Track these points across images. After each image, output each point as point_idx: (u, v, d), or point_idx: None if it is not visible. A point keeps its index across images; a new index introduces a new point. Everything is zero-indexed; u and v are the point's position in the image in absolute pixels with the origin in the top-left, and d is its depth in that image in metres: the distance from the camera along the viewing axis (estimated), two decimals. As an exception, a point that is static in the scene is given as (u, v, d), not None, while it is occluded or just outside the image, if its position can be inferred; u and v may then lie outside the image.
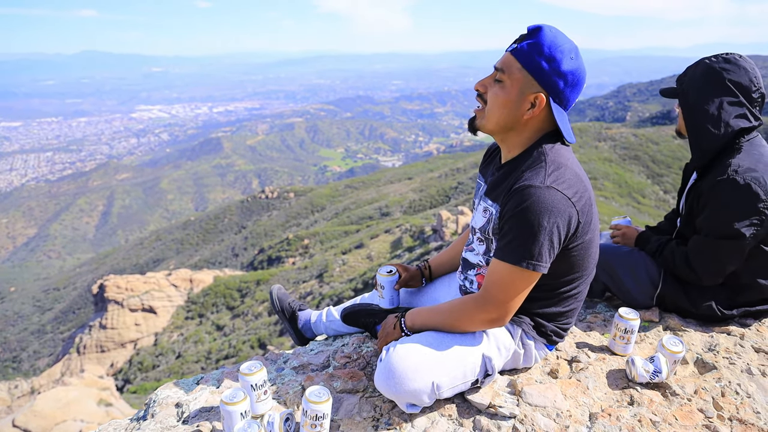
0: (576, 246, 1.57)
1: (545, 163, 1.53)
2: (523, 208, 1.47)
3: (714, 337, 2.11)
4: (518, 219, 1.48)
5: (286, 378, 1.90)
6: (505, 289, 1.53)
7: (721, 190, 1.96)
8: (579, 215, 1.51)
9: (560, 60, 1.49)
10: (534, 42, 1.50)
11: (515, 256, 1.49)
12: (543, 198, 1.45)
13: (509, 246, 1.51)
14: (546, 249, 1.48)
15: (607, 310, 2.37)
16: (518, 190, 1.50)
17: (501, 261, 1.53)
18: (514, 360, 1.77)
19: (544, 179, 1.48)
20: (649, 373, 1.75)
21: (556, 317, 1.73)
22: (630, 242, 2.40)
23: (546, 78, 1.50)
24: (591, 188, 1.59)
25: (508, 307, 1.56)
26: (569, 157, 1.59)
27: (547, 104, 1.54)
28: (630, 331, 1.92)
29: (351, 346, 2.07)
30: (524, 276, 1.51)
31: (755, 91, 2.03)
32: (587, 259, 1.65)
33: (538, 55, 1.49)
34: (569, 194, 1.48)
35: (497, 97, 1.56)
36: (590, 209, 1.56)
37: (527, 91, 1.53)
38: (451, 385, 1.60)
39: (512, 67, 1.53)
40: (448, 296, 2.01)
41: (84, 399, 22.81)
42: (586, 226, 1.55)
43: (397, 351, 1.57)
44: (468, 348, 1.62)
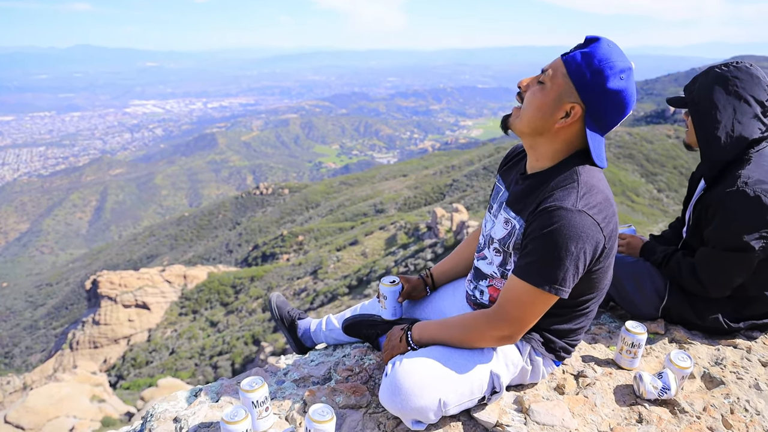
0: (598, 269, 1.53)
1: (577, 183, 1.47)
2: (552, 231, 1.42)
3: (720, 350, 2.08)
4: (545, 241, 1.43)
5: (287, 391, 1.86)
6: (522, 308, 1.49)
7: (730, 202, 1.92)
8: (606, 241, 1.46)
9: (608, 76, 1.41)
10: (587, 51, 1.44)
11: (538, 278, 1.45)
12: (574, 222, 1.40)
13: (532, 266, 1.46)
14: (571, 274, 1.44)
15: (611, 321, 2.34)
16: (548, 210, 1.45)
17: (521, 280, 1.48)
18: (521, 376, 1.74)
19: (576, 202, 1.43)
20: (657, 389, 1.72)
21: (566, 334, 1.70)
22: (635, 252, 2.37)
23: (587, 90, 1.44)
24: (616, 210, 1.54)
25: (522, 326, 1.52)
26: (601, 178, 1.53)
27: (582, 118, 1.48)
28: (637, 345, 1.89)
29: (353, 358, 2.03)
30: (544, 298, 1.47)
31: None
32: (605, 280, 1.61)
33: (586, 65, 1.43)
34: (599, 219, 1.43)
35: (534, 97, 1.51)
36: (614, 233, 1.52)
37: (565, 99, 1.47)
38: (458, 402, 1.56)
39: (558, 72, 1.47)
40: (453, 306, 1.96)
41: (77, 395, 22.74)
42: (611, 249, 1.52)
43: (404, 366, 1.53)
44: (476, 364, 1.58)
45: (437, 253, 32.46)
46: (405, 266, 32.83)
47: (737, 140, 1.96)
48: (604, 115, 1.47)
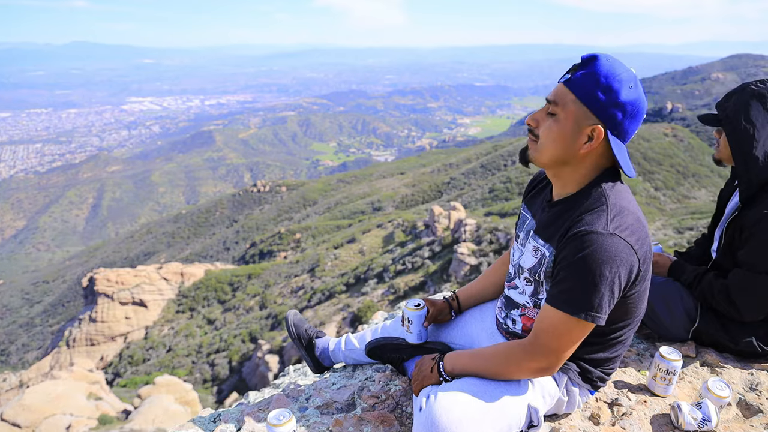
0: (633, 294, 1.49)
1: (607, 206, 1.44)
2: (584, 256, 1.38)
3: (754, 375, 2.02)
4: (578, 267, 1.39)
5: (311, 420, 1.79)
6: (558, 339, 1.44)
7: (765, 222, 1.87)
8: (641, 263, 1.42)
9: (618, 90, 1.41)
10: (589, 72, 1.41)
11: (573, 306, 1.40)
12: (606, 246, 1.36)
13: (566, 294, 1.42)
14: (606, 300, 1.39)
15: (639, 342, 2.28)
16: (578, 235, 1.41)
17: (556, 309, 1.43)
18: (557, 407, 1.68)
19: (607, 225, 1.39)
20: (697, 420, 1.66)
21: (602, 363, 1.65)
22: (662, 271, 2.31)
23: (603, 110, 1.42)
24: (648, 231, 1.50)
25: (560, 357, 1.47)
26: (630, 199, 1.50)
27: (605, 137, 1.45)
28: (672, 372, 1.83)
29: (377, 383, 1.97)
30: (580, 327, 1.42)
31: None
32: (641, 305, 1.56)
33: (594, 85, 1.41)
34: (632, 242, 1.39)
35: (551, 131, 1.47)
36: (648, 255, 1.47)
37: (583, 123, 1.44)
38: None
39: (566, 99, 1.44)
40: (483, 332, 1.90)
41: (73, 393, 22.66)
42: (645, 273, 1.47)
43: (440, 401, 1.47)
44: (513, 398, 1.53)
45: (435, 251, 32.46)
46: (402, 264, 32.83)
47: None
48: (624, 127, 1.46)
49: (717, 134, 2.15)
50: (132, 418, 21.55)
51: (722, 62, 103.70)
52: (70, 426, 20.35)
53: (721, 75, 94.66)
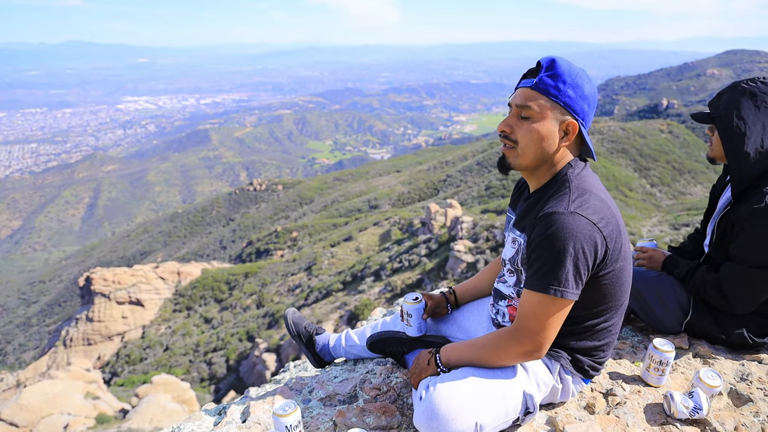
0: (606, 274, 1.55)
1: (569, 189, 1.56)
2: (548, 235, 1.47)
3: (745, 366, 2.08)
4: (543, 246, 1.49)
5: (315, 411, 1.84)
6: (538, 319, 1.51)
7: (758, 219, 1.92)
8: (607, 241, 1.50)
9: (581, 85, 1.55)
10: (554, 73, 1.54)
11: (542, 283, 1.49)
12: (567, 223, 1.46)
13: (536, 274, 1.51)
14: (572, 274, 1.47)
15: (634, 335, 2.34)
16: (543, 217, 1.51)
17: (530, 290, 1.52)
18: (552, 395, 1.74)
19: (568, 205, 1.50)
20: (689, 409, 1.71)
21: (591, 351, 1.71)
22: (656, 266, 2.36)
23: (574, 105, 1.55)
24: (619, 215, 1.59)
25: (543, 338, 1.53)
26: (594, 183, 1.61)
27: (579, 130, 1.58)
28: (665, 363, 1.88)
29: (379, 376, 2.02)
30: (554, 303, 1.49)
31: None
32: (620, 289, 1.63)
33: (563, 84, 1.53)
34: (594, 219, 1.48)
35: (532, 133, 1.57)
36: (619, 236, 1.54)
37: (558, 121, 1.57)
38: (494, 425, 1.56)
39: (538, 102, 1.55)
40: (478, 325, 1.97)
41: (71, 392, 22.63)
42: (615, 253, 1.54)
43: (439, 390, 1.53)
44: (508, 385, 1.59)
45: (431, 249, 32.50)
46: (399, 262, 32.88)
47: (767, 156, 1.96)
48: (590, 117, 1.61)
49: (710, 132, 2.20)
50: (129, 417, 21.53)
51: (718, 58, 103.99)
52: (67, 425, 20.34)
53: (716, 71, 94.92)
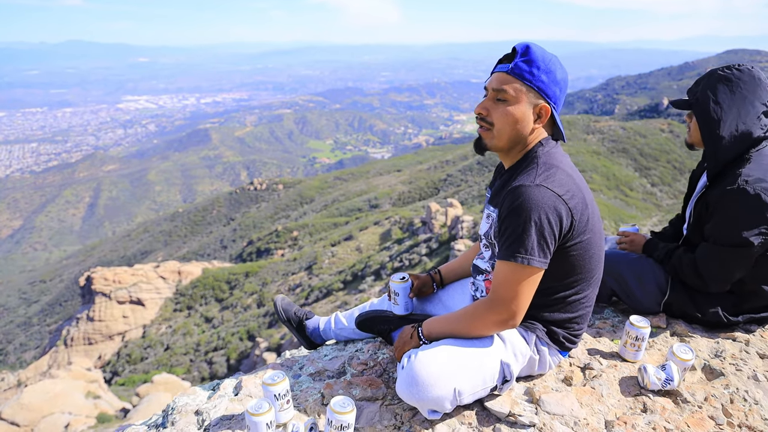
0: (574, 245, 1.63)
1: (537, 164, 1.65)
2: (515, 206, 1.56)
3: (720, 343, 2.16)
4: (511, 217, 1.57)
5: (304, 385, 1.92)
6: (509, 288, 1.59)
7: (730, 200, 2.00)
8: (572, 212, 1.58)
9: (554, 71, 1.64)
10: (529, 59, 1.63)
11: (510, 252, 1.57)
12: (532, 194, 1.55)
13: (505, 244, 1.60)
14: (537, 243, 1.55)
15: (614, 315, 2.42)
16: (510, 190, 1.60)
17: (501, 260, 1.61)
18: (530, 366, 1.82)
19: (535, 178, 1.59)
20: (661, 380, 1.79)
21: (565, 323, 1.78)
22: (637, 249, 2.44)
23: (547, 89, 1.64)
24: (587, 190, 1.68)
25: (516, 306, 1.61)
26: (562, 159, 1.70)
27: (550, 113, 1.68)
28: (641, 339, 1.96)
29: (366, 353, 2.10)
30: (523, 271, 1.57)
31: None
32: (589, 261, 1.70)
33: (537, 69, 1.62)
34: (559, 192, 1.57)
35: (507, 115, 1.66)
36: (585, 209, 1.63)
37: (532, 104, 1.66)
38: (472, 392, 1.64)
39: (513, 86, 1.64)
40: (462, 303, 2.04)
41: (72, 391, 22.68)
42: (582, 224, 1.62)
43: (419, 358, 1.61)
44: (486, 354, 1.67)
45: (432, 248, 32.55)
46: (400, 261, 32.92)
47: (741, 139, 2.04)
48: (561, 101, 1.70)
49: (688, 118, 2.28)
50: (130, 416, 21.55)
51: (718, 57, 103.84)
52: (68, 425, 20.39)
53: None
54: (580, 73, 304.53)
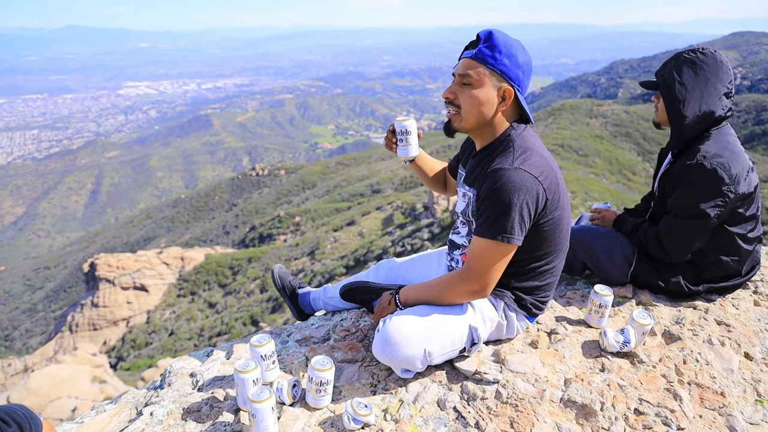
0: (546, 221, 1.76)
1: (513, 148, 1.75)
2: (496, 188, 1.67)
3: (681, 311, 2.30)
4: (491, 198, 1.68)
5: (291, 350, 2.07)
6: (485, 262, 1.72)
7: (689, 174, 2.14)
8: (546, 192, 1.71)
9: (516, 55, 1.73)
10: (491, 44, 1.72)
11: (491, 231, 1.69)
12: (512, 178, 1.65)
13: (485, 223, 1.71)
14: (517, 223, 1.67)
15: (585, 287, 2.56)
16: (490, 173, 1.71)
17: (479, 237, 1.73)
18: (498, 331, 1.96)
19: (513, 162, 1.69)
20: (619, 343, 1.94)
21: (533, 291, 1.92)
22: (608, 224, 2.59)
23: (509, 72, 1.73)
24: (557, 169, 1.80)
25: (489, 279, 1.74)
26: (534, 141, 1.80)
27: (514, 95, 1.77)
28: (604, 306, 2.11)
29: (349, 320, 2.25)
30: (501, 249, 1.70)
31: (730, 82, 2.21)
32: (559, 235, 1.84)
33: (498, 54, 1.72)
34: (536, 174, 1.68)
35: (472, 98, 1.77)
36: (557, 188, 1.76)
37: (496, 87, 1.75)
38: (441, 353, 1.78)
39: (477, 70, 1.74)
40: (437, 273, 2.18)
41: (78, 376, 23.00)
42: (554, 202, 1.75)
43: (393, 322, 1.76)
44: (456, 319, 1.81)
45: (434, 233, 32.68)
46: (402, 246, 33.08)
47: (703, 118, 2.18)
48: (525, 84, 1.79)
49: (656, 99, 2.40)
50: (152, 379, 21.82)
51: (723, 40, 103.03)
52: (75, 409, 20.72)
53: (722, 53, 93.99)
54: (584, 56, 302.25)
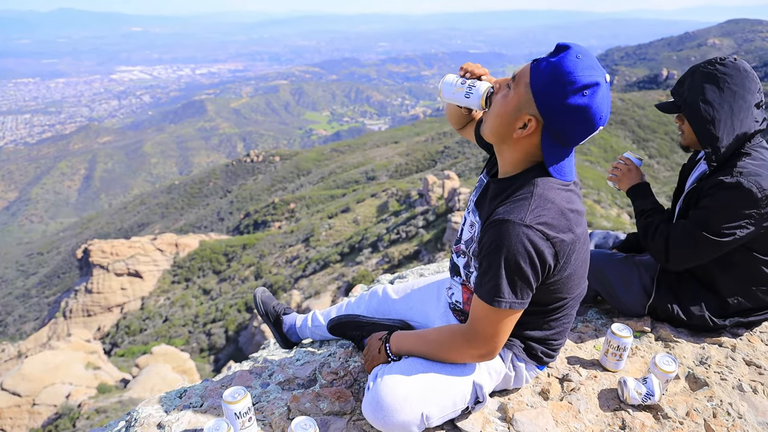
0: (557, 280, 1.50)
1: (532, 195, 1.43)
2: (498, 246, 1.39)
3: (705, 349, 2.08)
4: (493, 258, 1.40)
5: (272, 396, 1.85)
6: (490, 326, 1.47)
7: (723, 189, 1.91)
8: (558, 256, 1.42)
9: (567, 92, 1.33)
10: (553, 62, 1.36)
11: (490, 296, 1.42)
12: (519, 237, 1.36)
13: (486, 285, 1.44)
14: (522, 289, 1.42)
15: (598, 318, 2.34)
16: (495, 223, 1.42)
17: (479, 299, 1.46)
18: (505, 382, 1.73)
19: (525, 216, 1.38)
20: (641, 395, 1.72)
21: (544, 341, 1.69)
22: (625, 183, 2.31)
23: (545, 104, 1.37)
24: (581, 225, 1.49)
25: (497, 342, 1.50)
26: (560, 194, 1.46)
27: (539, 132, 1.42)
28: (623, 349, 1.88)
29: (338, 359, 2.02)
30: (503, 313, 1.45)
31: (759, 91, 1.97)
32: (572, 288, 1.58)
33: (547, 77, 1.35)
34: (549, 233, 1.39)
35: (497, 104, 1.47)
36: (573, 247, 1.46)
37: (524, 109, 1.40)
38: (441, 415, 1.56)
39: (522, 80, 1.41)
40: (437, 311, 1.92)
41: (72, 362, 22.95)
42: (566, 264, 1.47)
43: (386, 382, 1.52)
44: (459, 376, 1.58)
45: (429, 220, 32.56)
46: (396, 233, 32.98)
47: (738, 137, 1.94)
48: (565, 130, 1.40)
49: (678, 121, 2.16)
50: (130, 386, 21.84)
51: (719, 27, 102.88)
52: (69, 395, 20.68)
53: (717, 41, 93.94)
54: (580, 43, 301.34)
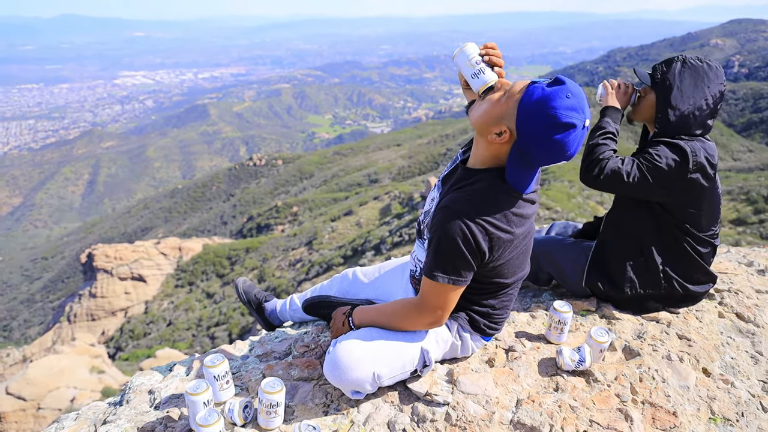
0: (492, 267, 1.70)
1: (485, 194, 1.61)
2: (444, 230, 1.58)
3: (644, 325, 2.30)
4: (439, 239, 1.60)
5: (250, 366, 2.07)
6: (437, 298, 1.69)
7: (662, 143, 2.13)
8: (493, 249, 1.62)
9: (545, 123, 1.46)
10: (545, 92, 1.47)
11: (438, 273, 1.63)
12: (461, 225, 1.56)
13: (431, 263, 1.65)
14: (459, 267, 1.61)
15: (551, 299, 2.55)
16: (443, 208, 1.62)
17: (426, 276, 1.67)
18: (453, 350, 1.95)
19: (472, 209, 1.58)
20: (574, 362, 1.94)
21: (488, 315, 1.90)
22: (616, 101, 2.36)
23: (523, 125, 1.50)
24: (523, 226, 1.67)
25: (444, 312, 1.72)
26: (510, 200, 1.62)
27: (510, 144, 1.58)
28: (563, 322, 2.11)
29: (311, 335, 2.25)
30: (447, 288, 1.66)
31: (721, 101, 2.19)
32: (509, 274, 1.77)
33: (535, 104, 1.47)
34: (489, 230, 1.58)
35: (488, 102, 1.61)
36: (509, 244, 1.65)
37: (505, 120, 1.55)
38: (391, 375, 1.78)
39: (515, 95, 1.53)
40: (398, 288, 2.13)
41: (76, 366, 23.08)
42: (501, 257, 1.67)
43: (343, 345, 1.75)
44: (408, 342, 1.80)
45: (430, 223, 32.58)
46: (399, 236, 33.09)
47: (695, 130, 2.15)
48: (532, 153, 1.54)
49: (643, 92, 2.31)
50: (118, 392, 21.85)
51: (722, 27, 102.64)
52: (74, 399, 20.80)
53: (720, 41, 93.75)
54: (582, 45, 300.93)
